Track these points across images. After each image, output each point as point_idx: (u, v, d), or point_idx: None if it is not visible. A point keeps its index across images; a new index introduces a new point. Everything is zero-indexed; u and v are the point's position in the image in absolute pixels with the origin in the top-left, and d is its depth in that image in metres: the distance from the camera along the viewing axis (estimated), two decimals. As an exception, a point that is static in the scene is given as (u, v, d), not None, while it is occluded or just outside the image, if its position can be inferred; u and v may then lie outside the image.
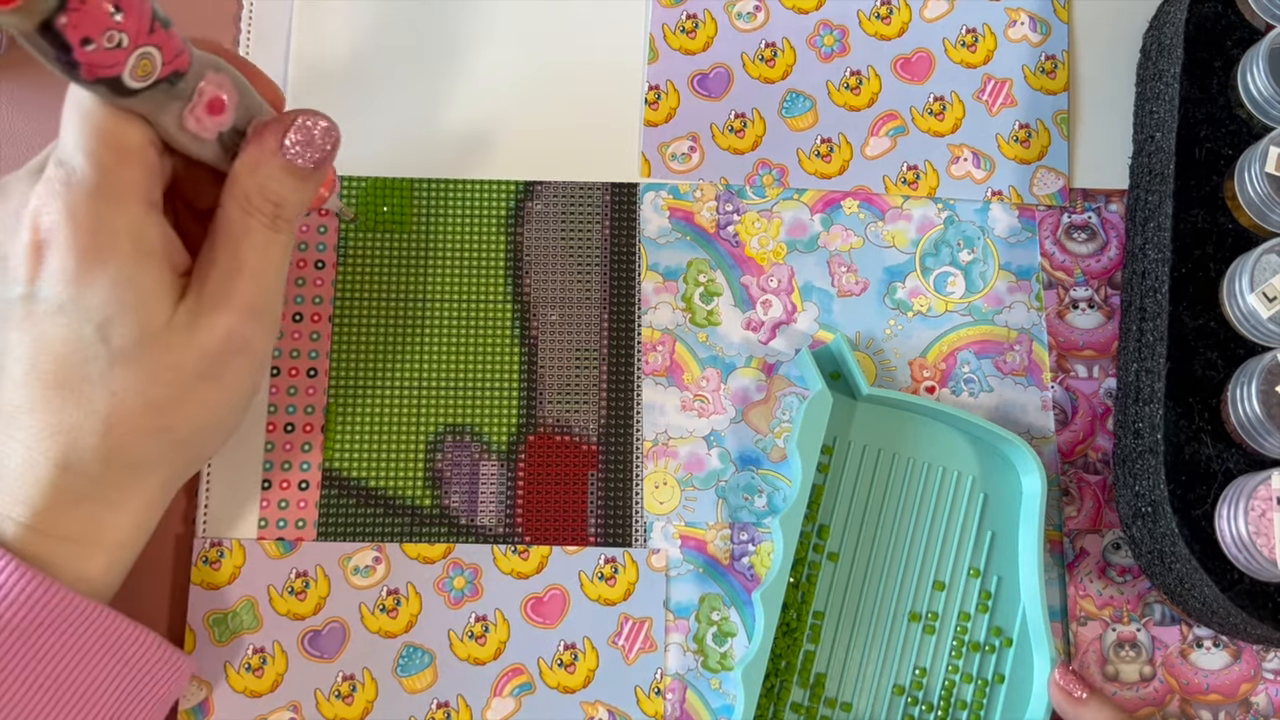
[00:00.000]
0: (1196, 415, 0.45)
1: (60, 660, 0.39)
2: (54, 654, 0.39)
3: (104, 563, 0.40)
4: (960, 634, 0.48)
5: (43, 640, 0.38)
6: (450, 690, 0.47)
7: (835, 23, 0.53)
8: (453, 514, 0.48)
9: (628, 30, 0.53)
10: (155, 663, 0.41)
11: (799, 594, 0.47)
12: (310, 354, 0.49)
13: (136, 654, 0.41)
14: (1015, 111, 0.53)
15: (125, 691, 0.41)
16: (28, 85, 0.52)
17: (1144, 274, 0.48)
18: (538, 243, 0.51)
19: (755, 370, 0.50)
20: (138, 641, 0.41)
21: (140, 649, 0.41)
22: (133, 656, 0.41)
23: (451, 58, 0.52)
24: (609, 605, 0.48)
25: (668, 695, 0.47)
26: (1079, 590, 0.48)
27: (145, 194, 0.39)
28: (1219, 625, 0.47)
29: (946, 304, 0.51)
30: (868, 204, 0.52)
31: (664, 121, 0.52)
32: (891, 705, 0.47)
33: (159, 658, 0.42)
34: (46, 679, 0.38)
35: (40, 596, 0.38)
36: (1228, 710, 0.48)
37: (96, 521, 0.40)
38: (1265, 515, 0.43)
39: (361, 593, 0.47)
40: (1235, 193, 0.47)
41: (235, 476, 0.48)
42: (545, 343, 0.50)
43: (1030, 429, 0.50)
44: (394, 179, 0.51)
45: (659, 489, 0.49)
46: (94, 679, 0.40)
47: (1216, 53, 0.49)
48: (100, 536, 0.40)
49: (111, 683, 0.40)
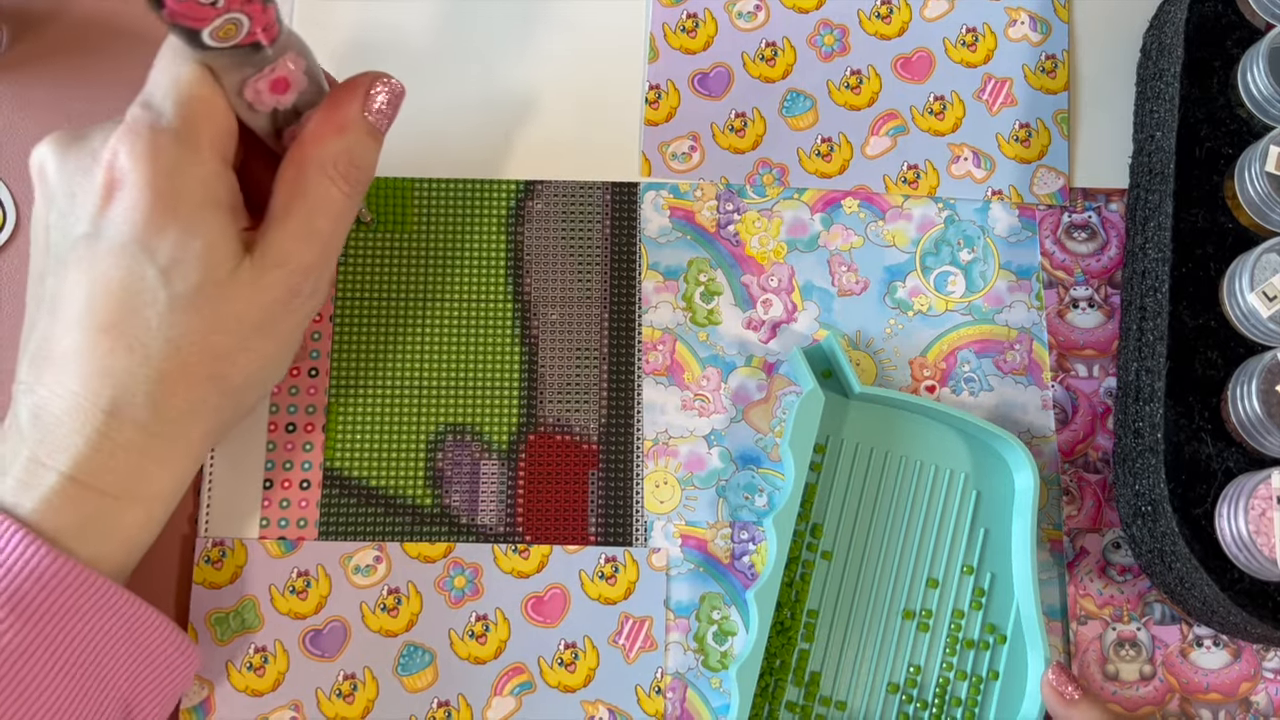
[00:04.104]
0: (1196, 414, 0.45)
1: (75, 640, 0.39)
2: (69, 634, 0.38)
3: (141, 517, 0.40)
4: (954, 631, 0.48)
5: (58, 620, 0.38)
6: (451, 689, 0.47)
7: (835, 22, 0.53)
8: (453, 513, 0.48)
9: (628, 30, 0.53)
10: (168, 648, 0.41)
11: (793, 593, 0.48)
12: (311, 354, 0.49)
13: (150, 638, 0.41)
14: (1015, 111, 0.53)
15: (137, 676, 0.41)
16: (29, 84, 0.52)
17: (1144, 273, 0.48)
18: (538, 242, 0.51)
19: (755, 369, 0.50)
20: (152, 625, 0.41)
21: (154, 634, 0.41)
22: (146, 641, 0.41)
23: (452, 58, 0.53)
24: (609, 604, 0.48)
25: (668, 694, 0.47)
26: (1079, 589, 0.48)
27: (223, 150, 0.39)
28: (1219, 624, 0.47)
29: (947, 303, 0.51)
30: (868, 203, 0.52)
31: (664, 121, 0.52)
32: (886, 703, 0.47)
33: (173, 643, 0.41)
34: (60, 659, 0.38)
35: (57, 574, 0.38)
36: (1228, 709, 0.48)
37: (139, 473, 0.39)
38: (1265, 514, 0.43)
39: (362, 592, 0.47)
40: (1235, 192, 0.47)
41: (237, 476, 0.48)
42: (546, 342, 0.50)
43: (1030, 428, 0.50)
44: (394, 179, 0.51)
45: (659, 488, 0.49)
46: (107, 660, 0.40)
47: (1216, 52, 0.49)
48: (140, 490, 0.40)
49: (124, 666, 0.40)
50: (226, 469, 0.48)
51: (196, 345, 0.39)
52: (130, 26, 0.52)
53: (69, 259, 0.38)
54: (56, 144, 0.40)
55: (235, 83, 0.38)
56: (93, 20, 0.52)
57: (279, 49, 0.38)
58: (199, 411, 0.40)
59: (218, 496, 0.48)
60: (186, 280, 0.38)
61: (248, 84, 0.38)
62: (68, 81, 0.52)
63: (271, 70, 0.38)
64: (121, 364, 0.38)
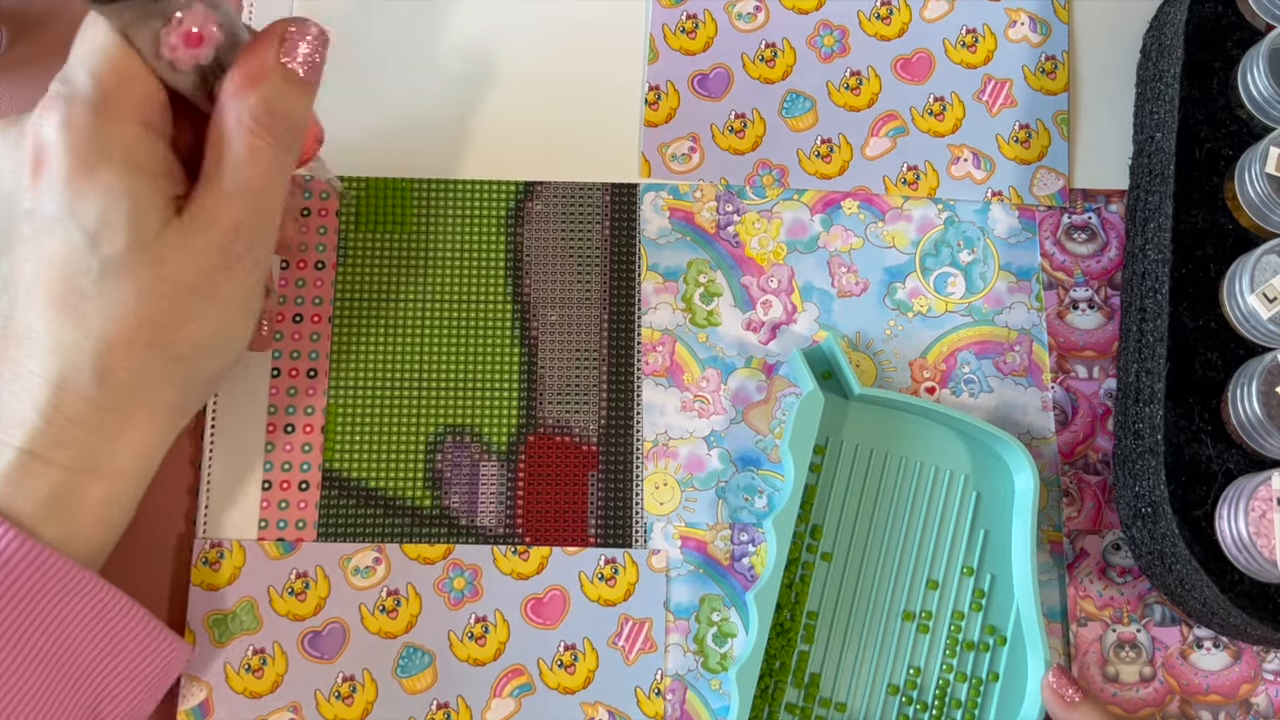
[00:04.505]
0: (1197, 416, 0.45)
1: (39, 623, 0.38)
2: (31, 616, 0.38)
3: (104, 491, 0.40)
4: (954, 633, 0.48)
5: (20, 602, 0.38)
6: (450, 691, 0.47)
7: (835, 23, 0.53)
8: (453, 514, 0.48)
9: (628, 30, 0.53)
10: (141, 635, 0.41)
11: (793, 594, 0.47)
12: (310, 354, 0.49)
13: (121, 624, 0.41)
14: (1015, 112, 0.53)
15: (108, 664, 0.41)
16: (29, 84, 0.52)
17: (1144, 274, 0.48)
18: (538, 243, 0.51)
19: (755, 371, 0.50)
20: (122, 611, 0.41)
21: (125, 619, 0.41)
22: (117, 627, 0.41)
23: (452, 58, 0.53)
24: (609, 606, 0.48)
25: (668, 696, 0.47)
26: (1079, 591, 0.48)
27: (143, 115, 0.39)
28: (1219, 626, 0.46)
29: (947, 304, 0.51)
30: (868, 204, 0.52)
31: (664, 122, 0.52)
32: (886, 705, 0.47)
33: (146, 631, 0.41)
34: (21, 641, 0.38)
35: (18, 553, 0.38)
36: (1228, 711, 0.48)
37: (94, 448, 0.39)
38: (1265, 516, 0.42)
39: (361, 593, 0.47)
40: (1235, 193, 0.47)
41: (235, 477, 0.48)
42: (545, 343, 0.50)
43: (1030, 429, 0.50)
44: (394, 179, 0.51)
45: (659, 489, 0.49)
46: (73, 645, 0.40)
47: (1216, 53, 0.49)
48: (99, 464, 0.40)
49: (92, 652, 0.40)
50: (225, 470, 0.48)
51: (135, 310, 0.39)
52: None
53: (15, 238, 0.39)
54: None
55: (149, 42, 0.38)
56: (92, 20, 0.52)
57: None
58: (146, 381, 0.40)
59: (216, 497, 0.48)
60: (114, 244, 0.38)
61: (161, 41, 0.38)
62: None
63: (179, 22, 0.37)
64: (69, 337, 0.38)
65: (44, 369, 0.38)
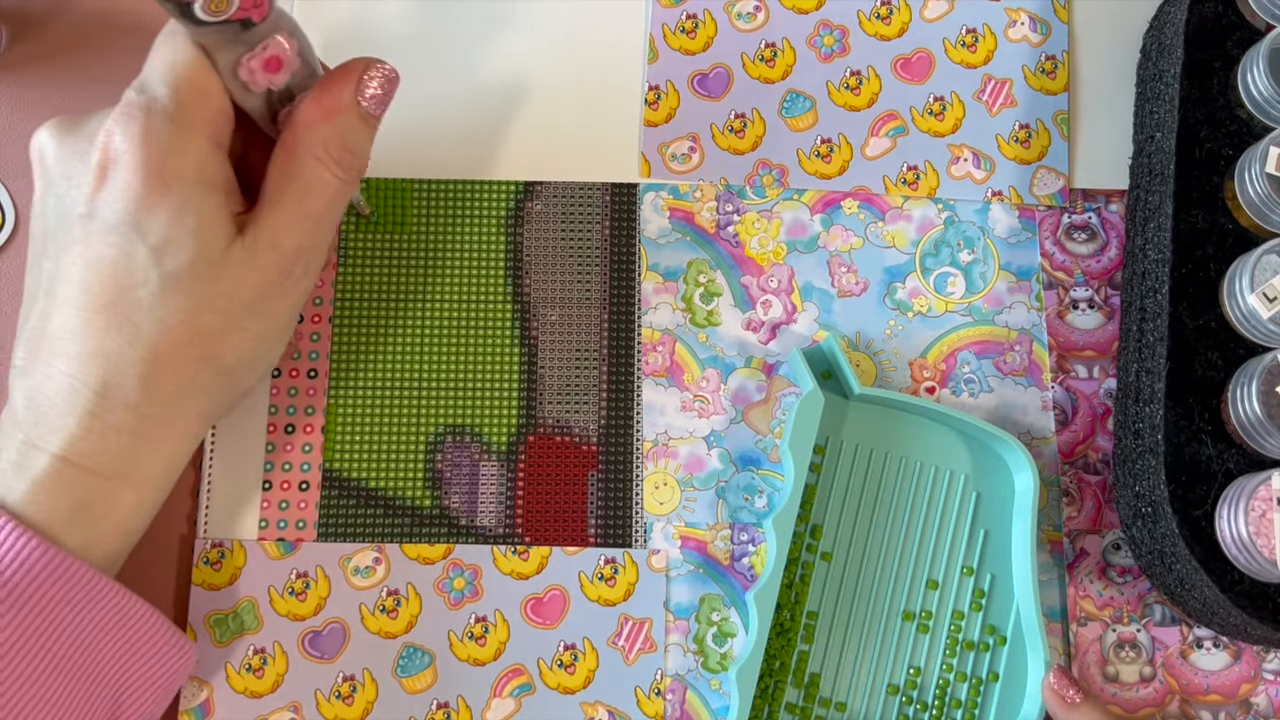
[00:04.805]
0: (1197, 415, 0.45)
1: (64, 631, 0.39)
2: (57, 625, 0.38)
3: (134, 499, 0.40)
4: (954, 633, 0.48)
5: (46, 611, 0.38)
6: (450, 691, 0.47)
7: (835, 23, 0.53)
8: (453, 514, 0.48)
9: (628, 30, 0.53)
10: (158, 640, 0.41)
11: (793, 594, 0.48)
12: (310, 354, 0.49)
13: (140, 630, 0.41)
14: (1015, 112, 0.53)
15: (127, 668, 0.41)
16: (29, 84, 0.52)
17: (1144, 274, 0.48)
18: (538, 243, 0.51)
19: (755, 371, 0.50)
20: (141, 617, 0.41)
21: (144, 625, 0.41)
22: (136, 632, 0.41)
23: (451, 58, 0.53)
24: (609, 606, 0.48)
25: (668, 696, 0.47)
26: (1079, 591, 0.48)
27: (215, 133, 0.40)
28: (1219, 626, 0.46)
29: (947, 304, 0.51)
30: (868, 204, 0.52)
31: (664, 121, 0.52)
32: (886, 705, 0.47)
33: (163, 635, 0.41)
34: (47, 649, 0.38)
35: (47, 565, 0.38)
36: (1228, 711, 0.48)
37: (131, 454, 0.40)
38: (1265, 516, 0.42)
39: (361, 593, 0.47)
40: (1235, 193, 0.46)
41: (236, 477, 0.48)
42: (545, 343, 0.50)
43: (1030, 429, 0.50)
44: (394, 179, 0.51)
45: (659, 489, 0.49)
46: (95, 651, 0.40)
47: (1216, 53, 0.48)
48: (132, 471, 0.40)
49: (113, 657, 0.40)
50: (225, 470, 0.48)
51: (187, 325, 0.39)
52: (130, 26, 0.52)
53: (65, 240, 0.39)
54: (55, 129, 0.40)
55: (229, 62, 0.39)
56: (93, 20, 0.52)
57: (270, 26, 0.38)
58: (190, 392, 0.40)
59: (216, 498, 0.48)
60: (178, 259, 0.38)
61: (241, 63, 0.39)
62: (68, 81, 0.52)
63: (264, 48, 0.39)
64: (113, 344, 0.38)
65: (85, 374, 0.38)
